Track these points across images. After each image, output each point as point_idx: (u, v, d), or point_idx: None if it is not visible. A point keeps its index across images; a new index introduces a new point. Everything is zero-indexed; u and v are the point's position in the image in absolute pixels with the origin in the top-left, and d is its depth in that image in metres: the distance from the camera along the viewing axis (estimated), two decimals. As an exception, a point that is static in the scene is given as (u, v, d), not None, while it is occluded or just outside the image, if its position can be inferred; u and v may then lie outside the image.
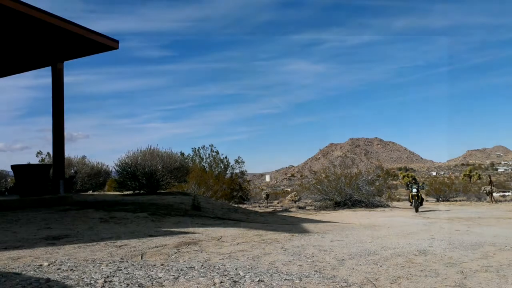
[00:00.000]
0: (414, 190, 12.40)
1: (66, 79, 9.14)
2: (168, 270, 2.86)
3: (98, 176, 14.72)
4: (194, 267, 2.97)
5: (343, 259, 3.49)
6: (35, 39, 8.21)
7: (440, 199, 19.90)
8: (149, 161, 11.68)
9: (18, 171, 8.21)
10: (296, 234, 5.38)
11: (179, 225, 5.78)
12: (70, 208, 7.27)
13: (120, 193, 12.10)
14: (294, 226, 7.00)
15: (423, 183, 14.84)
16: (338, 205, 13.82)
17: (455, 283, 2.79)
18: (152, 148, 12.38)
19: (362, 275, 2.93)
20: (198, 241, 4.27)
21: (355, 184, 14.17)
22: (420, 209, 12.51)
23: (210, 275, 2.76)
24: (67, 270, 2.74)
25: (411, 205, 12.90)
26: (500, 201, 18.29)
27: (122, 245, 3.90)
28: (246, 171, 21.71)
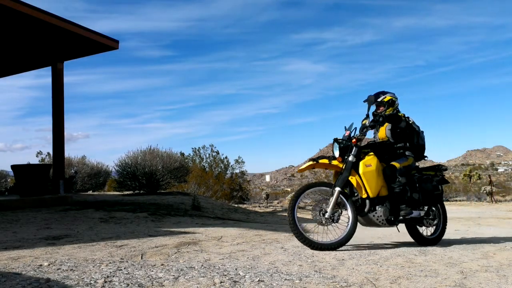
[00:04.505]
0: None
1: (66, 79, 9.16)
2: (168, 270, 2.86)
3: (98, 176, 14.73)
4: (194, 267, 2.97)
5: (343, 259, 3.49)
6: (35, 39, 8.22)
7: (440, 199, 19.90)
8: (149, 161, 11.69)
9: (18, 171, 8.22)
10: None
11: (179, 225, 5.78)
12: (70, 208, 7.27)
13: (120, 193, 12.10)
14: (294, 226, 6.99)
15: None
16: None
17: (455, 283, 2.79)
18: (152, 148, 12.40)
19: (362, 275, 2.93)
20: (198, 241, 4.27)
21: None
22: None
23: (210, 275, 2.76)
24: (67, 270, 2.74)
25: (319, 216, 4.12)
26: (500, 201, 18.29)
27: (122, 245, 3.90)
28: (246, 171, 21.73)
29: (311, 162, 4.32)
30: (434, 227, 4.67)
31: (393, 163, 4.34)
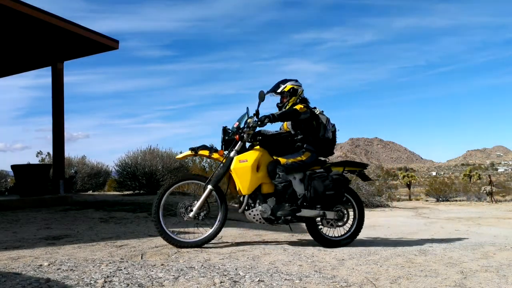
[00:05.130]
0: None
1: (66, 79, 9.16)
2: (168, 270, 2.86)
3: (98, 176, 14.71)
4: (194, 267, 2.97)
5: (343, 259, 3.49)
6: (35, 39, 8.22)
7: (440, 199, 19.90)
8: (149, 161, 11.69)
9: (18, 171, 8.22)
10: (296, 234, 5.39)
11: (179, 225, 5.77)
12: (70, 208, 7.27)
13: (120, 193, 12.10)
14: (294, 226, 7.00)
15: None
16: (338, 205, 13.79)
17: (455, 283, 2.79)
18: (152, 148, 12.39)
19: (362, 275, 2.93)
20: (198, 241, 4.27)
21: (355, 184, 14.16)
22: None
23: (210, 275, 2.76)
24: (67, 270, 2.74)
25: None
26: (500, 201, 18.29)
27: (122, 245, 3.90)
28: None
29: (189, 152, 4.04)
30: (347, 227, 4.36)
31: (280, 158, 4.06)
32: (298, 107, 4.12)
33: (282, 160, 4.03)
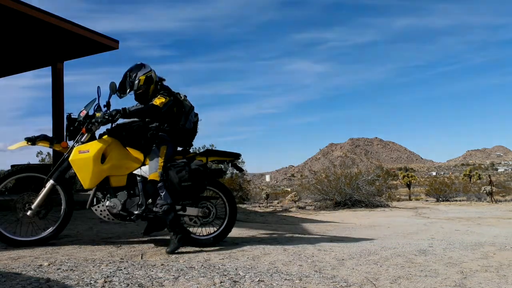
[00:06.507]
0: None
1: (66, 79, 9.16)
2: (168, 270, 2.86)
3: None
4: (194, 267, 2.97)
5: (343, 259, 3.49)
6: (35, 39, 8.22)
7: (440, 199, 19.90)
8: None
9: (18, 171, 8.20)
10: (296, 234, 5.39)
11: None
12: (70, 208, 7.26)
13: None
14: (294, 226, 7.00)
15: None
16: (338, 205, 13.82)
17: (455, 283, 2.80)
18: (152, 148, 12.36)
19: (362, 275, 2.94)
20: (198, 241, 4.27)
21: (355, 184, 14.17)
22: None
23: (210, 275, 2.76)
24: (67, 270, 2.74)
25: None
26: (500, 201, 18.28)
27: (122, 245, 3.90)
28: (246, 171, 21.67)
29: (25, 142, 3.72)
30: (217, 225, 4.02)
31: (129, 148, 3.78)
32: (158, 101, 3.70)
33: (154, 176, 3.64)
